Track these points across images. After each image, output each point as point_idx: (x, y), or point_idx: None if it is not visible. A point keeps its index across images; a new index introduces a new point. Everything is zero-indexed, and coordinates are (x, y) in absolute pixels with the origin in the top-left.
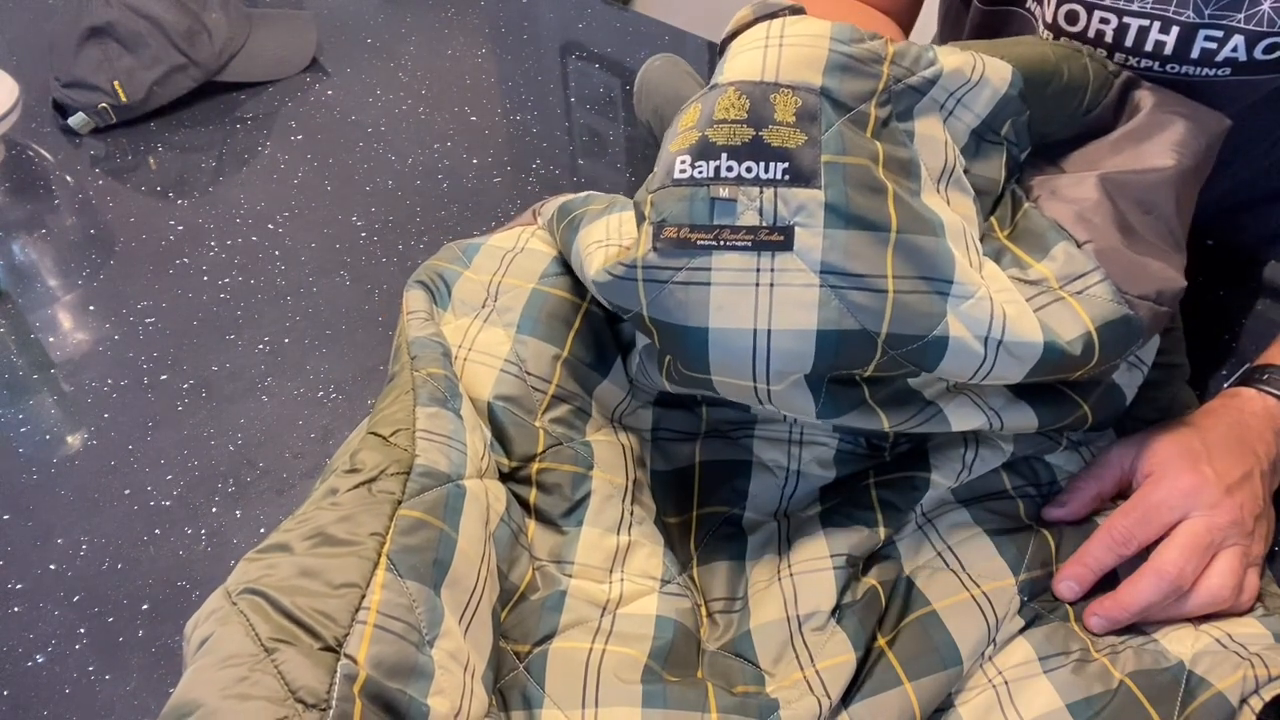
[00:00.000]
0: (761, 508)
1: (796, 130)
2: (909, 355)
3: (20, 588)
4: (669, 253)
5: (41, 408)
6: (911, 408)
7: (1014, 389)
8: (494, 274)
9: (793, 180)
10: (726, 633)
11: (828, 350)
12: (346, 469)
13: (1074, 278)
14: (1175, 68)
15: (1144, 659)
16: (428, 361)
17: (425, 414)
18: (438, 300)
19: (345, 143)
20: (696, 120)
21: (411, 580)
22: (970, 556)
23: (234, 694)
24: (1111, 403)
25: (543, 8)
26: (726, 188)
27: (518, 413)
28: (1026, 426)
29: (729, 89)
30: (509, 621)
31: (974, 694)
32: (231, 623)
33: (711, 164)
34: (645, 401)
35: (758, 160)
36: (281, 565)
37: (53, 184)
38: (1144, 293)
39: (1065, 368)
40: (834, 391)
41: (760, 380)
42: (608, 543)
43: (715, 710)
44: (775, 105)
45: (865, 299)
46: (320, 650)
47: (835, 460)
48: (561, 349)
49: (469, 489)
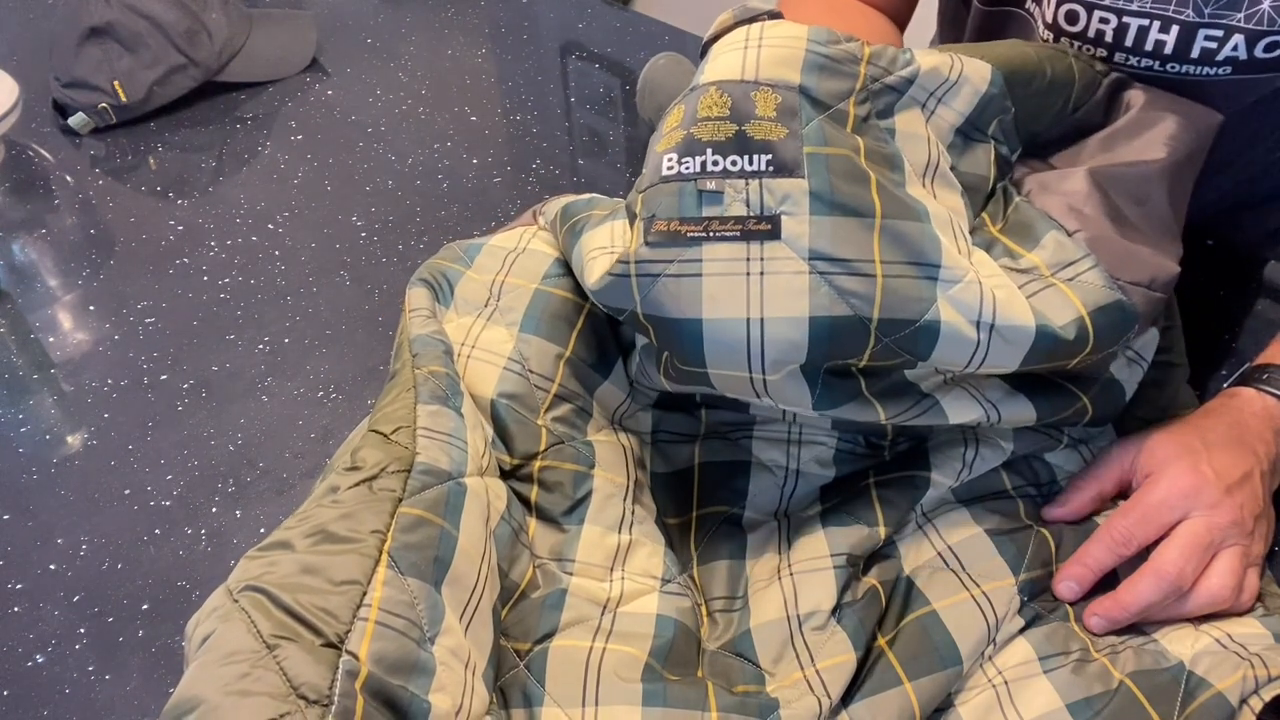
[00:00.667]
0: (761, 507)
1: (778, 125)
2: (902, 342)
3: (20, 588)
4: (660, 245)
5: (41, 408)
6: (908, 399)
7: (1011, 382)
8: (496, 274)
9: (777, 171)
10: (726, 632)
11: (821, 337)
12: (347, 467)
13: (1065, 265)
14: (1175, 67)
15: (1144, 659)
16: (429, 359)
17: (426, 412)
18: (440, 298)
19: (345, 143)
20: (681, 120)
21: (413, 577)
22: (970, 556)
23: (236, 690)
24: (1111, 397)
25: (543, 8)
26: (713, 180)
27: (520, 410)
28: (1024, 419)
29: (710, 88)
30: (509, 619)
31: (974, 694)
32: (233, 620)
33: (697, 159)
34: (645, 404)
35: (741, 154)
36: (283, 563)
37: (53, 184)
38: (1136, 279)
39: (1060, 354)
40: (830, 383)
41: (756, 371)
42: (609, 541)
43: (715, 709)
44: (756, 102)
45: (855, 284)
46: (322, 646)
47: (835, 460)
48: (564, 349)
49: (470, 487)
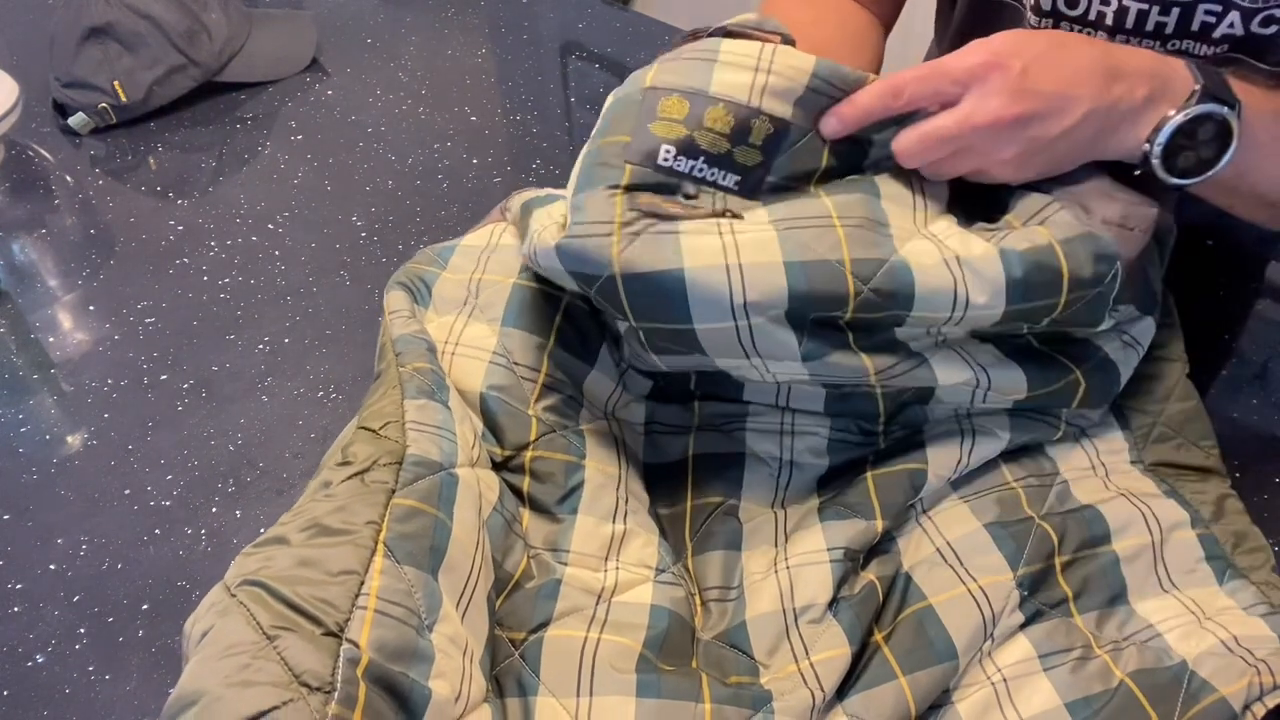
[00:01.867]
0: (757, 499)
1: (759, 152)
2: (882, 286)
3: (20, 588)
4: (642, 213)
5: (41, 408)
6: (896, 355)
7: (1003, 349)
8: (472, 272)
9: (740, 193)
10: (721, 622)
11: (799, 277)
12: (339, 462)
13: (1034, 213)
14: (1176, 43)
15: (1146, 657)
16: (413, 357)
17: (414, 406)
18: (418, 300)
19: (345, 143)
20: (685, 118)
21: (409, 566)
22: (968, 550)
23: (237, 681)
24: (1105, 377)
25: (543, 8)
26: (694, 186)
27: (510, 401)
28: (1015, 386)
29: (720, 104)
30: (504, 609)
31: (972, 691)
32: (232, 614)
33: (689, 162)
34: (638, 395)
35: (725, 170)
36: (279, 557)
37: (53, 184)
38: (1107, 217)
39: (1038, 291)
40: (817, 333)
41: (740, 317)
42: (603, 531)
43: (709, 700)
44: (753, 129)
45: (818, 235)
46: (322, 635)
47: (829, 449)
48: (547, 340)
49: (461, 477)
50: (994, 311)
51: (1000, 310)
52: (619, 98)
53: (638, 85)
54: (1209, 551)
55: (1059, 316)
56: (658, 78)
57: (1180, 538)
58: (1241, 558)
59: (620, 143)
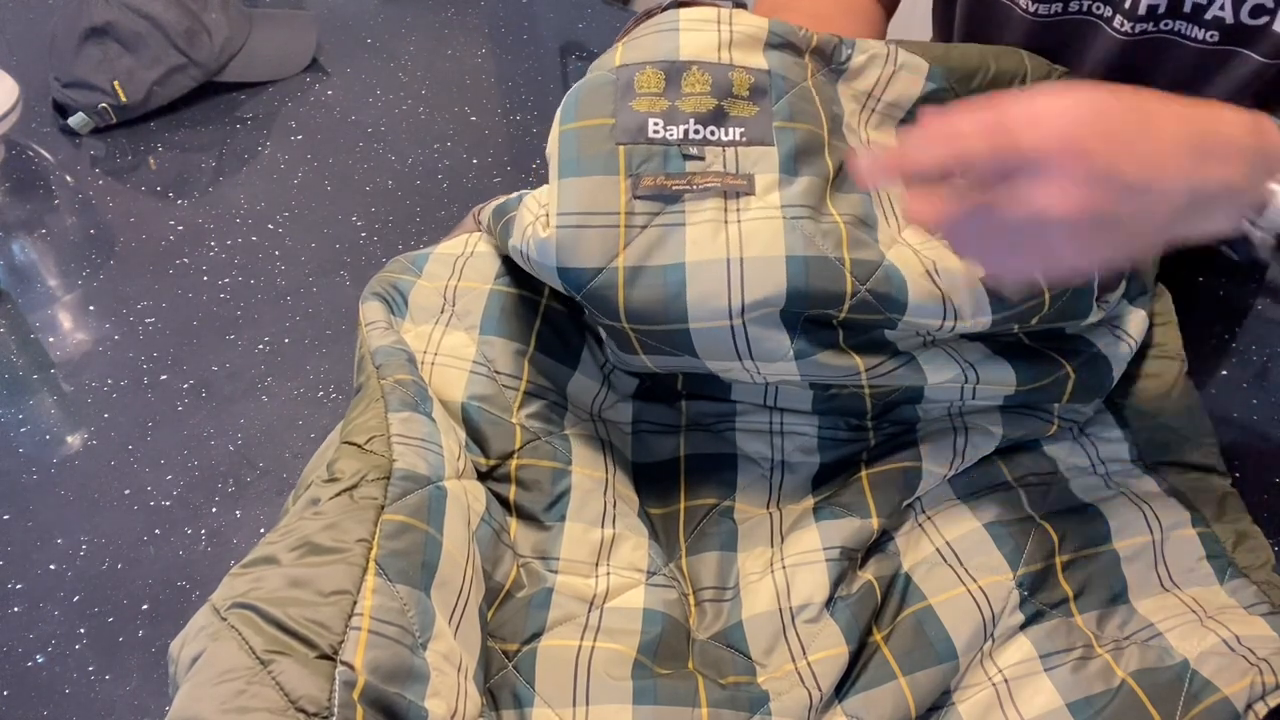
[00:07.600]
0: (752, 500)
1: (750, 103)
2: (877, 287)
3: (20, 588)
4: (649, 199)
5: (41, 408)
6: (885, 353)
7: (992, 346)
8: (448, 280)
9: (749, 142)
10: (716, 622)
11: (799, 273)
12: (326, 478)
13: None
14: (1169, 24)
15: (1148, 656)
16: (393, 369)
17: (398, 419)
18: (395, 310)
19: (345, 143)
20: (663, 89)
21: (401, 584)
22: (968, 550)
23: (233, 708)
24: (1096, 371)
25: (543, 8)
26: (695, 146)
27: (493, 410)
28: (1003, 382)
29: (692, 68)
30: (496, 620)
31: (973, 692)
32: (223, 638)
33: (679, 128)
34: (624, 395)
35: (720, 126)
36: (269, 577)
37: (53, 184)
38: None
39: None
40: (809, 331)
41: (736, 315)
42: (592, 537)
43: (705, 704)
44: (734, 81)
45: (822, 228)
46: (317, 659)
47: (819, 447)
48: (526, 345)
49: (449, 490)
50: (982, 321)
51: (988, 320)
52: (587, 83)
53: (606, 67)
54: (1210, 550)
55: (1047, 314)
56: (625, 56)
57: (1181, 536)
58: (1242, 556)
59: (604, 126)
